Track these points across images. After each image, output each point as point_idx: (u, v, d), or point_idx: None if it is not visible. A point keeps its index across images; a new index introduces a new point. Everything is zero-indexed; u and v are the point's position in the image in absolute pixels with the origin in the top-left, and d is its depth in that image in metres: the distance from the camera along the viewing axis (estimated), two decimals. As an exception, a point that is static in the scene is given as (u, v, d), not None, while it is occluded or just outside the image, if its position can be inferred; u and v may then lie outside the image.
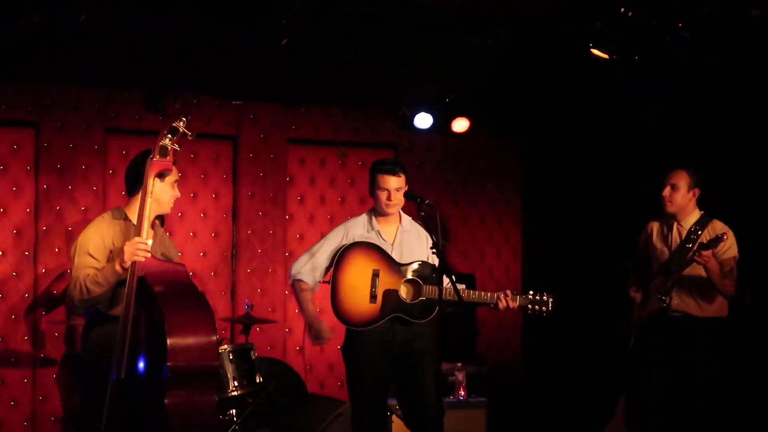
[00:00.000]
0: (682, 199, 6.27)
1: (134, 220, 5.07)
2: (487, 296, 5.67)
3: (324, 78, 7.47)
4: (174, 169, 5.15)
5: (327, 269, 5.80)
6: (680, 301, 6.21)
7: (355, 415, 5.76)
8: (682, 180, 6.26)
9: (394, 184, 5.72)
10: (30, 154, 7.46)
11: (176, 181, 5.17)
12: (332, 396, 7.51)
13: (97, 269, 4.92)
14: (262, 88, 7.90)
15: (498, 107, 8.54)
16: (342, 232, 5.85)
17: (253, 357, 6.79)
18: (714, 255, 6.01)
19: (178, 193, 5.19)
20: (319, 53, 6.75)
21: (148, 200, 4.91)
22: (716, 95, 7.04)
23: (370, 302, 5.66)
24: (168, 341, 4.61)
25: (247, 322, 7.12)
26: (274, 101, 8.23)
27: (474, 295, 5.67)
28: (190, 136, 5.07)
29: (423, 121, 8.26)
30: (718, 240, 5.94)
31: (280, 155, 8.31)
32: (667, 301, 6.19)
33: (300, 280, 5.81)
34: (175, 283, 4.93)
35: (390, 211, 5.77)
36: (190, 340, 4.71)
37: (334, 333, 5.80)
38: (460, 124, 8.41)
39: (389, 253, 5.76)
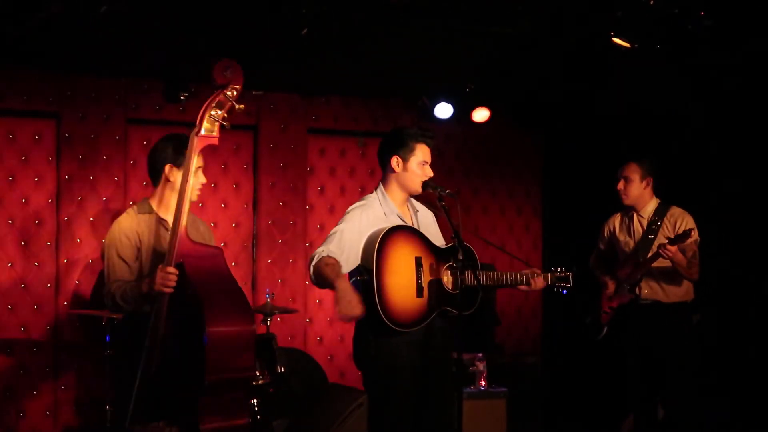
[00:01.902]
0: (636, 189, 6.53)
1: (159, 212, 4.95)
2: (521, 276, 5.16)
3: (344, 68, 7.46)
4: (197, 154, 4.79)
5: (353, 259, 4.98)
6: (650, 290, 6.42)
7: (378, 426, 5.01)
8: (633, 172, 6.53)
9: (430, 156, 5.09)
10: (51, 145, 7.49)
11: (199, 168, 4.86)
12: (353, 386, 7.52)
13: (127, 284, 4.78)
14: (281, 78, 7.91)
15: (518, 97, 8.52)
16: (357, 218, 5.05)
17: (274, 347, 6.81)
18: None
19: (202, 179, 4.94)
20: (339, 43, 6.74)
21: (190, 180, 4.64)
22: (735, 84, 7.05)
23: (417, 296, 4.92)
24: (207, 352, 4.40)
25: (268, 312, 7.13)
26: (293, 91, 8.24)
27: (509, 277, 5.15)
28: (239, 108, 4.72)
29: (443, 111, 8.23)
30: (685, 236, 6.09)
31: (300, 145, 8.32)
32: (638, 292, 6.40)
33: (327, 256, 4.86)
34: (214, 275, 4.68)
35: (424, 188, 5.06)
36: (228, 349, 4.49)
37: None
38: (481, 114, 8.38)
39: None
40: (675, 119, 7.68)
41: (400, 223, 5.06)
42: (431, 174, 5.08)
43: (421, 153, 5.05)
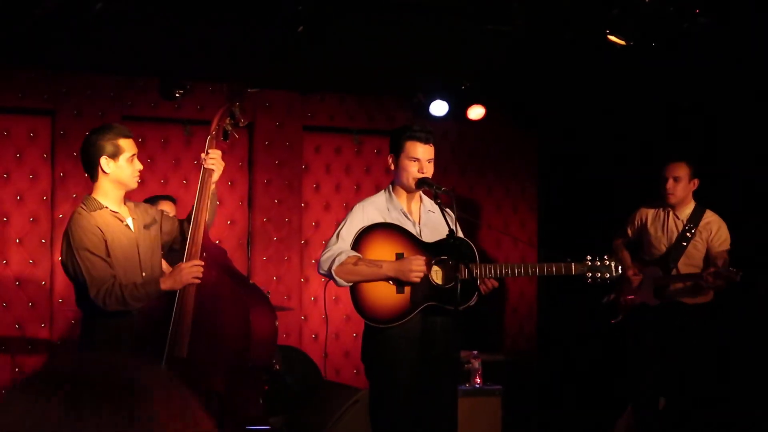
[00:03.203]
0: (684, 190, 6.46)
1: (109, 206, 4.87)
2: (534, 268, 5.12)
3: (339, 65, 7.46)
4: (129, 143, 4.89)
5: None
6: (674, 291, 6.42)
7: (381, 422, 5.10)
8: (683, 171, 6.46)
9: (427, 153, 5.06)
10: (46, 142, 7.48)
11: (134, 155, 4.88)
12: (348, 383, 7.52)
13: (132, 283, 4.78)
14: (277, 76, 7.90)
15: (514, 94, 8.52)
16: (360, 214, 5.11)
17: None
18: (709, 246, 6.33)
19: (139, 166, 4.94)
20: (335, 41, 6.74)
21: (210, 180, 4.90)
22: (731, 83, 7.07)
23: (398, 293, 4.97)
24: (252, 339, 4.61)
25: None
26: (289, 89, 8.23)
27: (517, 269, 5.04)
28: (242, 123, 5.00)
29: (438, 108, 8.21)
30: (731, 276, 6.09)
31: (296, 143, 8.31)
32: (664, 294, 6.42)
33: (351, 255, 5.00)
34: (230, 270, 4.89)
35: (418, 186, 5.08)
36: (267, 337, 4.73)
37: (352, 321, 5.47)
38: (476, 112, 8.37)
39: (416, 233, 5.08)
40: (672, 116, 7.69)
41: (403, 218, 5.11)
42: (426, 171, 5.08)
43: (411, 150, 5.05)
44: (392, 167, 5.16)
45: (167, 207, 6.46)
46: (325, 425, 6.55)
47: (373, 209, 5.13)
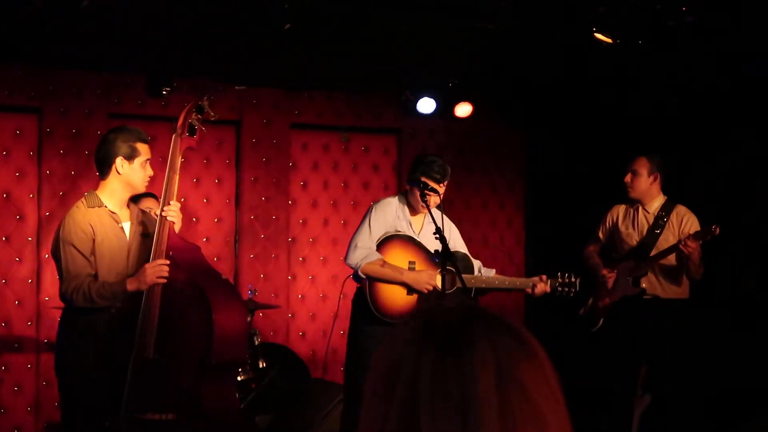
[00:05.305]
0: (644, 184, 6.53)
1: (109, 205, 4.93)
2: (521, 282, 5.91)
3: (327, 63, 7.45)
4: (146, 148, 4.98)
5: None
6: (649, 285, 6.45)
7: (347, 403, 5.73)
8: (642, 166, 6.53)
9: (441, 191, 5.76)
10: (33, 140, 7.46)
11: (148, 160, 4.97)
12: (335, 381, 7.52)
13: (101, 282, 4.80)
14: (264, 73, 7.89)
15: (501, 92, 8.52)
16: (381, 217, 5.74)
17: (256, 342, 6.81)
18: (680, 236, 6.28)
19: (150, 172, 5.02)
20: (322, 38, 6.74)
21: (176, 177, 4.87)
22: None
23: (408, 294, 5.67)
24: (214, 336, 4.65)
25: (250, 307, 7.11)
26: (276, 86, 8.22)
27: (508, 281, 5.93)
28: (214, 116, 5.02)
29: (426, 106, 8.22)
30: (707, 233, 6.09)
31: (283, 140, 8.31)
32: (643, 285, 6.42)
33: (377, 259, 5.66)
34: (202, 267, 4.93)
35: (425, 211, 5.70)
36: (232, 334, 4.76)
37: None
38: (463, 109, 8.38)
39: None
40: (657, 114, 7.70)
41: (409, 228, 5.79)
42: (437, 203, 5.82)
43: (432, 186, 5.70)
44: (417, 196, 5.68)
45: (150, 203, 6.44)
46: (312, 423, 6.56)
47: (389, 212, 5.75)
